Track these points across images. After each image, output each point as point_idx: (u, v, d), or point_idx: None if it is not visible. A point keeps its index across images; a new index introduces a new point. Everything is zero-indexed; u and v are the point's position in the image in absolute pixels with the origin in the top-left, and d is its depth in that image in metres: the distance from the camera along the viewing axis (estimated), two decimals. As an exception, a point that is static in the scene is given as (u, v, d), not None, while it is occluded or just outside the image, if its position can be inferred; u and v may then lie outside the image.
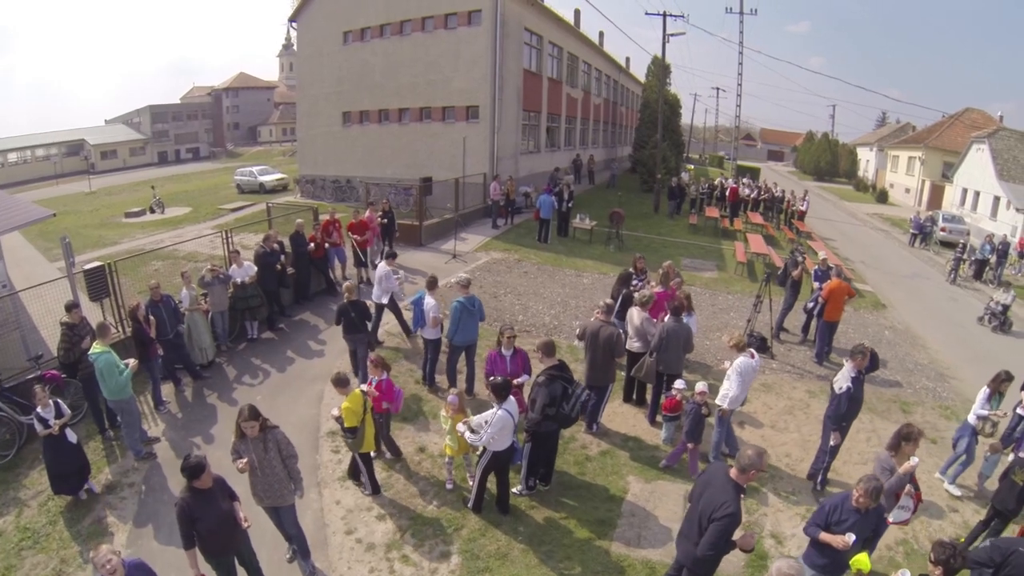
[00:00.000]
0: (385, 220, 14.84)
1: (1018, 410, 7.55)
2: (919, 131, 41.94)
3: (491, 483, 6.29)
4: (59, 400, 6.18)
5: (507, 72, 21.61)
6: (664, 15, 23.42)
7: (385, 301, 9.91)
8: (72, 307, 7.26)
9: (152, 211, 25.52)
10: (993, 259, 18.78)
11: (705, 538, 4.07)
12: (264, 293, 10.16)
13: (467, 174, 20.06)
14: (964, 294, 17.39)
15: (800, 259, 12.27)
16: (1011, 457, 6.46)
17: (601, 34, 34.72)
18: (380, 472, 6.75)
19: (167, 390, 8.35)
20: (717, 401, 6.99)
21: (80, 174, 47.65)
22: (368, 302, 9.30)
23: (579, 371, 7.64)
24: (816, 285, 11.38)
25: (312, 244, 11.84)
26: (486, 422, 5.74)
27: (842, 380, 6.58)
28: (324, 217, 12.84)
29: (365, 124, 24.61)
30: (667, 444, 7.57)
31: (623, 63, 40.85)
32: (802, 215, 24.49)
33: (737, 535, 4.23)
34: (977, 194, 28.58)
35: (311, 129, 26.37)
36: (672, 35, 24.04)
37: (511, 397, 5.77)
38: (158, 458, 7.00)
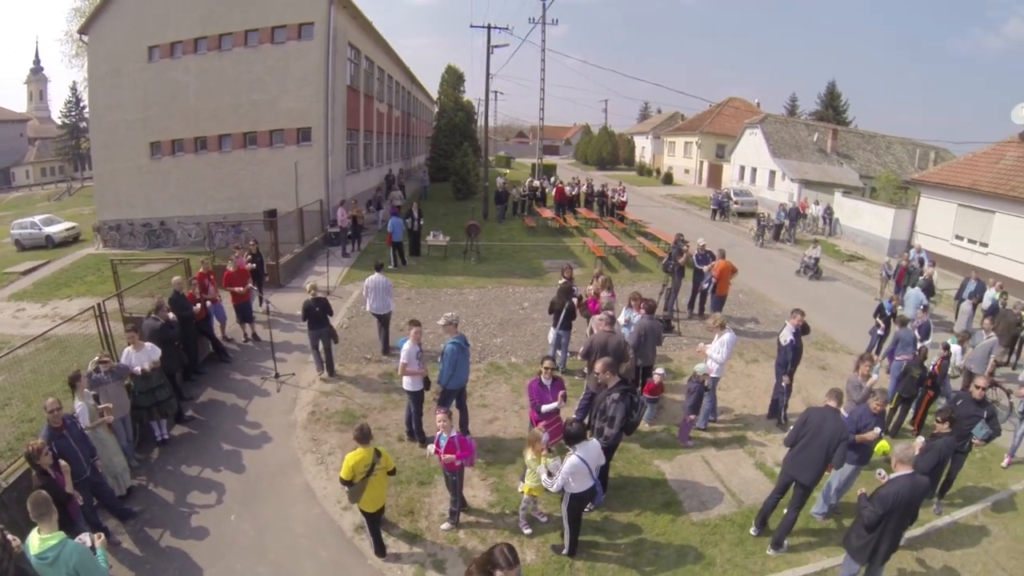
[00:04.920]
0: (254, 264, 12.99)
1: (878, 332, 10.76)
2: (691, 119, 49.52)
3: (551, 508, 6.46)
4: None
5: (336, 90, 20.25)
6: (489, 27, 24.00)
7: (392, 309, 10.98)
8: None
9: (-90, 283, 18.55)
10: (787, 223, 23.48)
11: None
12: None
13: (301, 202, 18.33)
14: (774, 254, 21.30)
15: (684, 247, 13.68)
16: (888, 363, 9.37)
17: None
18: (450, 545, 6.09)
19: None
20: (710, 372, 8.05)
21: None
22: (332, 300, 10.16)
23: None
24: (706, 268, 12.94)
25: (197, 305, 9.85)
26: (558, 466, 5.54)
27: (786, 334, 8.33)
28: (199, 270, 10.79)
29: (179, 155, 20.88)
30: (648, 422, 8.46)
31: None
32: (623, 205, 26.48)
33: None
34: (754, 170, 34.77)
35: (111, 164, 21.41)
36: (496, 46, 24.77)
37: (590, 441, 5.57)
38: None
